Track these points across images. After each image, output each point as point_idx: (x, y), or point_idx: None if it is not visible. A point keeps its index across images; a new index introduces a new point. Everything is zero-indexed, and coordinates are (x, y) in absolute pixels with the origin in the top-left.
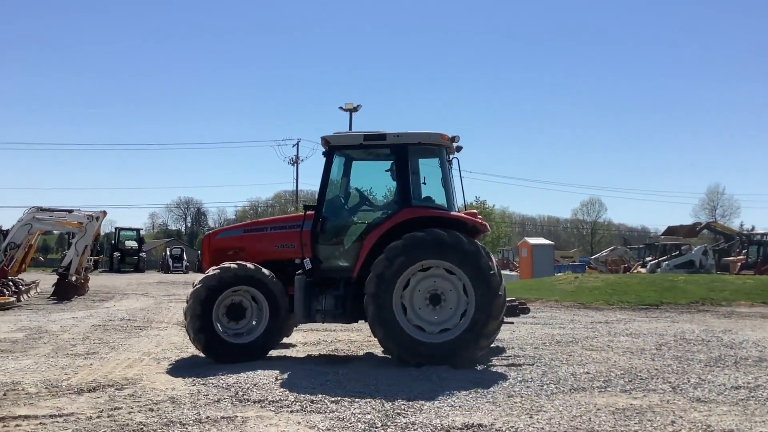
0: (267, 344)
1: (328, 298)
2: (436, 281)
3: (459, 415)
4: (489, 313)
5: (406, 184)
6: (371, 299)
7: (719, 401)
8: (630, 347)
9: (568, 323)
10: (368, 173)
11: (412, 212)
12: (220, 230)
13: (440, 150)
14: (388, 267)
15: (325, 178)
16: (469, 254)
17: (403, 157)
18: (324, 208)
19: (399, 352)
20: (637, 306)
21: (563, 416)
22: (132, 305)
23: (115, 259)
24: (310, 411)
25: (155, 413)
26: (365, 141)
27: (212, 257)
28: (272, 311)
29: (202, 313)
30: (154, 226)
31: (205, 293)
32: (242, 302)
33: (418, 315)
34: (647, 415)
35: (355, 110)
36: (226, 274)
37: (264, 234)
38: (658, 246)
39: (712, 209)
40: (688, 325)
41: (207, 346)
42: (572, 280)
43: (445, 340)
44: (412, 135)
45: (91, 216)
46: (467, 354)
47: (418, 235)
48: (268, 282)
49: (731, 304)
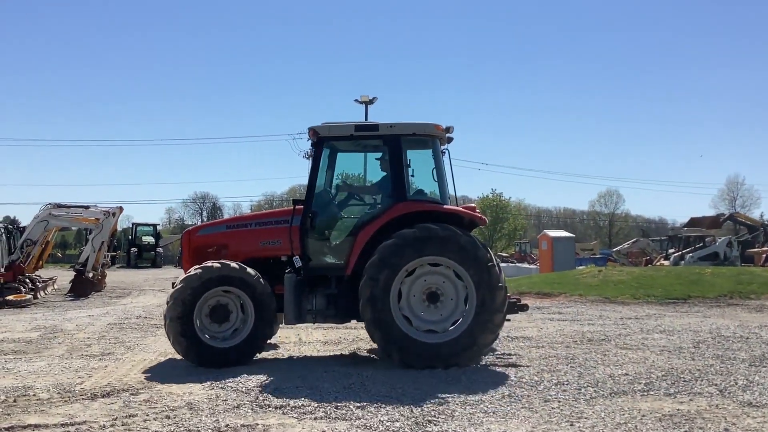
0: (252, 348)
1: (320, 297)
2: (433, 278)
3: (494, 423)
4: (492, 306)
5: (400, 176)
6: (368, 303)
7: None
8: (666, 345)
9: (596, 319)
10: (357, 166)
11: (407, 206)
12: (200, 226)
13: (434, 141)
14: (383, 267)
15: (314, 171)
16: (466, 248)
17: (396, 149)
18: (314, 202)
19: (401, 356)
20: (664, 300)
21: (606, 424)
22: (149, 302)
23: (132, 254)
24: (334, 418)
25: (172, 421)
26: (356, 132)
27: (193, 255)
28: (258, 313)
29: (182, 316)
30: (171, 221)
31: (186, 294)
32: (227, 304)
33: (416, 314)
34: (697, 422)
35: (371, 103)
36: (208, 275)
37: (248, 230)
38: (681, 238)
39: (732, 200)
40: (721, 320)
41: (187, 350)
42: (596, 274)
43: (448, 338)
44: (406, 125)
45: (107, 212)
46: (473, 351)
47: (410, 232)
48: (254, 282)
49: (760, 297)
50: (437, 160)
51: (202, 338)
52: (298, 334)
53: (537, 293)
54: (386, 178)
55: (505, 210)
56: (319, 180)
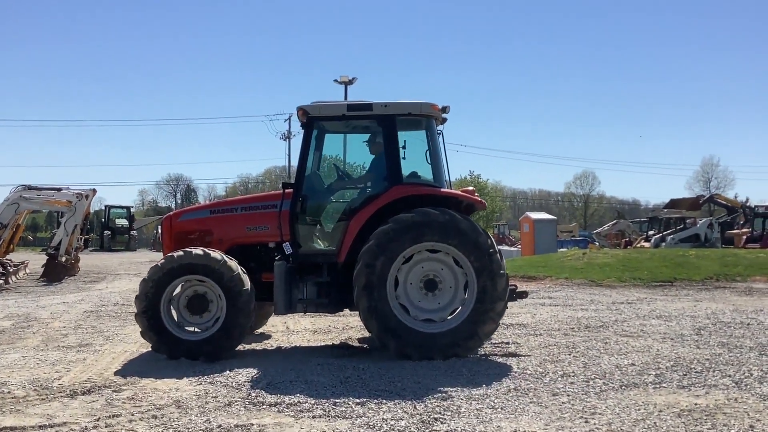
0: (229, 340)
1: (311, 285)
2: (431, 265)
3: (504, 420)
4: (493, 294)
5: (395, 159)
6: (363, 291)
7: None
8: (667, 332)
9: (588, 304)
10: (349, 147)
11: (403, 190)
12: (182, 211)
13: (429, 121)
14: (380, 254)
15: (304, 153)
16: (467, 233)
17: (391, 129)
18: (304, 186)
19: (398, 346)
20: (650, 283)
21: (623, 420)
22: (125, 287)
23: (105, 237)
24: (334, 416)
25: (159, 421)
26: (349, 111)
27: (174, 242)
28: (229, 301)
29: (147, 309)
30: (144, 203)
31: (149, 288)
32: (206, 293)
33: (413, 303)
34: (719, 418)
35: (350, 83)
36: (170, 265)
37: (233, 215)
38: (661, 219)
39: (707, 181)
40: (714, 304)
41: (158, 344)
42: (580, 257)
43: (447, 328)
44: (401, 105)
45: (80, 194)
46: (474, 341)
47: (408, 217)
48: (219, 268)
49: (746, 279)
50: (433, 142)
51: (173, 331)
52: (285, 323)
53: (522, 276)
54: (380, 160)
55: (483, 192)
56: (309, 162)
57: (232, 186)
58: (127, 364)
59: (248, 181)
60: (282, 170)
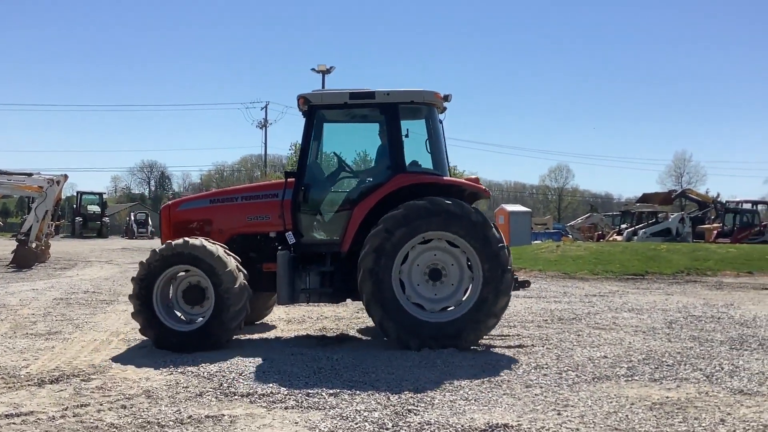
0: (215, 332)
1: (313, 275)
2: (437, 254)
3: (477, 412)
4: (498, 288)
5: (399, 147)
6: (368, 276)
7: (765, 394)
8: (639, 325)
9: (561, 296)
10: (344, 136)
11: (407, 178)
12: (181, 200)
13: (430, 110)
14: (387, 239)
15: (306, 142)
16: (477, 225)
17: (394, 118)
18: (306, 174)
19: (399, 334)
20: (622, 276)
21: (596, 413)
22: (96, 274)
23: (77, 224)
24: (307, 407)
25: (128, 411)
26: (351, 100)
27: (173, 231)
28: (217, 294)
29: (140, 295)
30: (117, 190)
31: (143, 273)
32: (200, 282)
33: (417, 292)
34: (690, 412)
35: (328, 72)
36: (164, 253)
37: (234, 205)
38: (633, 213)
39: (679, 176)
40: (685, 298)
41: (147, 331)
42: (554, 249)
43: (450, 319)
44: (403, 93)
45: (51, 180)
46: (474, 334)
47: (420, 204)
48: (209, 259)
49: (717, 274)
50: (434, 130)
51: (163, 320)
52: None
53: None
54: (382, 149)
55: None
56: (311, 151)
57: (207, 174)
58: (96, 353)
59: (223, 169)
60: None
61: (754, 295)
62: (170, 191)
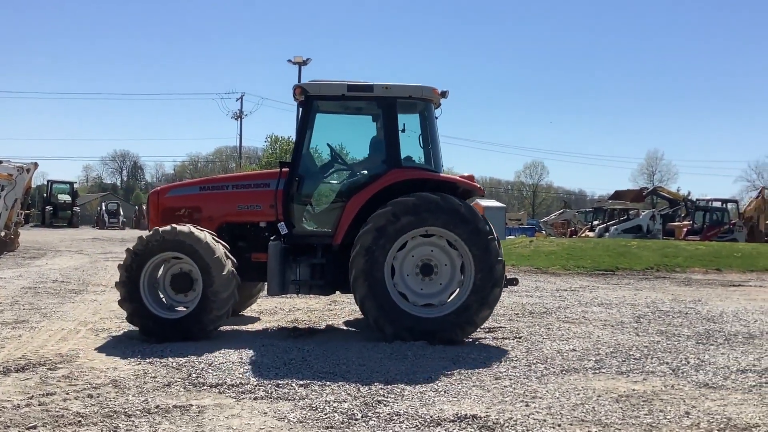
0: (201, 321)
1: (304, 267)
2: (433, 251)
3: (446, 403)
4: (484, 300)
5: (395, 142)
6: (361, 274)
7: (729, 387)
8: (608, 319)
9: (533, 290)
10: (340, 127)
11: (403, 173)
12: (170, 186)
13: (427, 105)
14: (392, 223)
15: (301, 133)
16: (481, 234)
17: (391, 112)
18: (301, 165)
19: (378, 317)
20: (593, 271)
21: (563, 404)
22: (66, 264)
23: (47, 213)
24: (276, 398)
25: (95, 401)
26: (349, 92)
27: (161, 218)
28: (205, 282)
29: (127, 282)
30: (89, 179)
31: (130, 260)
32: (191, 271)
33: (410, 287)
34: (656, 404)
35: (304, 64)
36: (151, 240)
37: (224, 193)
38: (605, 210)
39: (651, 174)
40: (654, 293)
41: (134, 319)
42: (527, 244)
43: (430, 316)
44: (402, 88)
45: (21, 168)
46: (450, 336)
47: (432, 198)
48: (197, 247)
49: (686, 270)
50: (430, 126)
51: (148, 307)
52: None
53: None
54: (378, 143)
55: None
56: (306, 142)
57: (181, 164)
58: (63, 342)
59: (198, 160)
60: (233, 150)
61: (721, 291)
62: (142, 182)
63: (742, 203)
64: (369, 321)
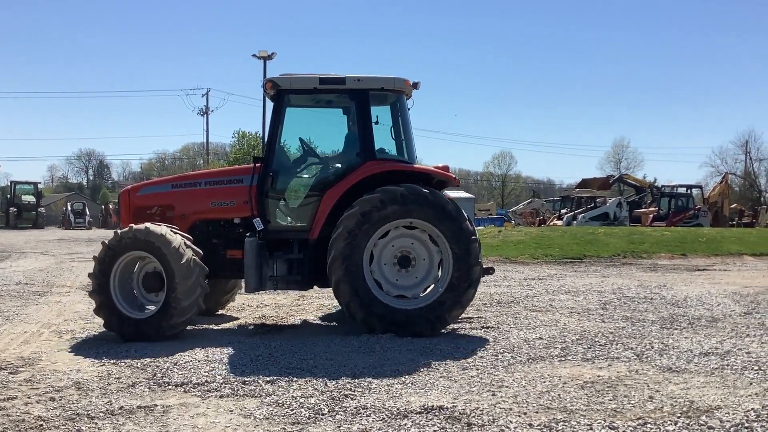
0: (159, 326)
1: (281, 262)
2: (414, 243)
3: (414, 395)
4: (458, 298)
5: (368, 134)
6: (339, 258)
7: (692, 371)
8: (574, 307)
9: (501, 280)
10: (312, 121)
11: (378, 166)
12: (142, 185)
13: (399, 97)
14: (378, 210)
15: (274, 127)
16: (464, 233)
17: (364, 104)
18: (274, 160)
19: (351, 302)
20: (561, 260)
21: (529, 393)
22: (30, 266)
23: (11, 214)
24: (242, 395)
25: (57, 403)
26: (321, 85)
27: (132, 216)
28: (169, 287)
29: (99, 274)
30: (54, 179)
31: (104, 254)
32: (162, 271)
33: (381, 270)
34: (620, 390)
35: (269, 58)
36: (126, 236)
37: (197, 190)
38: (573, 198)
39: (618, 162)
40: (620, 280)
41: (100, 312)
42: (496, 234)
43: (402, 307)
44: (374, 79)
45: None
46: (420, 330)
47: (421, 191)
48: (165, 250)
49: (652, 256)
50: (403, 117)
51: (118, 307)
52: None
53: None
54: (351, 136)
55: None
56: (279, 137)
57: (148, 162)
58: (26, 345)
59: (165, 158)
60: (200, 147)
61: (686, 276)
62: (109, 180)
63: (706, 189)
64: (341, 303)
